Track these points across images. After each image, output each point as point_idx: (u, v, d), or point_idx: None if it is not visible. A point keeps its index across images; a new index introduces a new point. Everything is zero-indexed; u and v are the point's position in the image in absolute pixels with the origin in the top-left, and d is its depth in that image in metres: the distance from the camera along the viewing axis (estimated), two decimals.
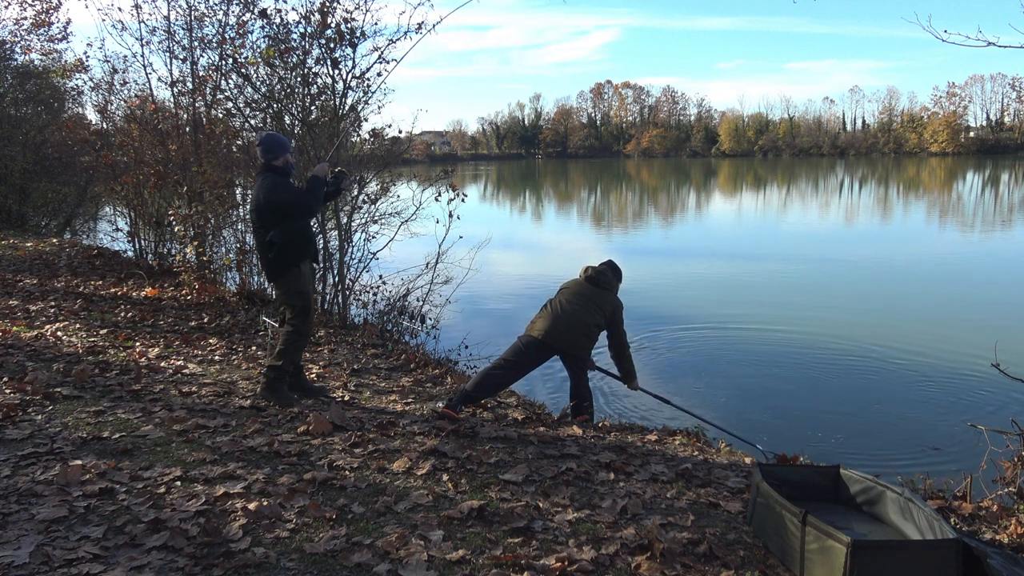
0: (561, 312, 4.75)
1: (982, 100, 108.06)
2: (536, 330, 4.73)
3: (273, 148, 4.36)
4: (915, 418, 5.95)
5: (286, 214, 4.30)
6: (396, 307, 8.11)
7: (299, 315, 4.43)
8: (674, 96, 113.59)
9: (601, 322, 4.81)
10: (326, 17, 7.18)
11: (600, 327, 4.83)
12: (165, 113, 9.48)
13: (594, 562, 2.62)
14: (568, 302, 4.81)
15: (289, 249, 4.32)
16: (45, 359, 5.17)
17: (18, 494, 2.96)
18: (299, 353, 4.55)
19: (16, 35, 14.73)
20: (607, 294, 4.93)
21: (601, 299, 4.86)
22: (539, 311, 4.94)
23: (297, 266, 4.40)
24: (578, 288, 4.93)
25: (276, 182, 4.30)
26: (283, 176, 4.39)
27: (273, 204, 4.27)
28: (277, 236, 4.27)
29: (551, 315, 4.76)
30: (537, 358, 4.75)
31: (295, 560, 2.56)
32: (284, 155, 4.38)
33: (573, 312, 4.74)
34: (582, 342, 4.74)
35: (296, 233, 4.34)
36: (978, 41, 3.79)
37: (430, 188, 8.19)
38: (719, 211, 28.36)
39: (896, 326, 8.94)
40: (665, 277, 12.94)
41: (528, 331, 4.81)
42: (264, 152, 4.37)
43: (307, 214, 4.41)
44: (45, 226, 15.64)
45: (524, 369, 4.74)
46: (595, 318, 4.78)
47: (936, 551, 2.45)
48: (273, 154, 4.36)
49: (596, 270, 5.02)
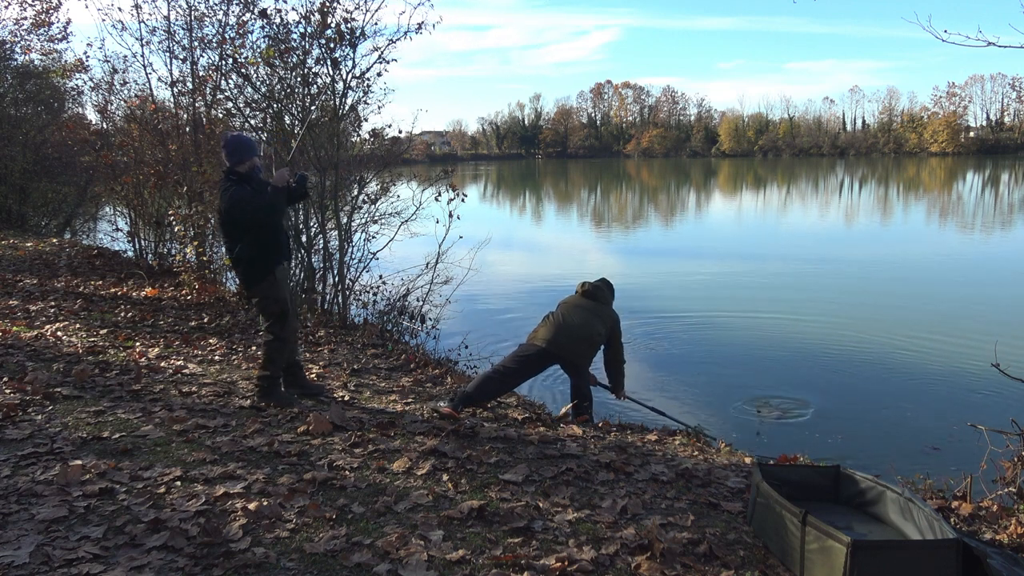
0: (564, 322, 4.87)
1: (982, 100, 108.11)
2: (539, 339, 4.83)
3: (238, 151, 4.12)
4: (915, 418, 5.95)
5: (248, 229, 4.14)
6: (396, 307, 8.10)
7: (277, 322, 4.30)
8: (674, 96, 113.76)
9: (603, 332, 4.95)
10: (326, 17, 7.18)
11: (602, 337, 4.96)
12: (165, 113, 9.47)
13: (594, 562, 2.62)
14: (570, 314, 4.93)
15: (259, 260, 4.19)
16: (45, 359, 5.17)
17: (18, 494, 2.96)
18: (285, 357, 4.43)
19: (16, 35, 14.72)
20: (606, 308, 5.09)
21: (602, 312, 5.01)
22: (541, 321, 5.06)
23: (271, 273, 4.24)
24: (578, 302, 5.06)
25: (236, 197, 4.07)
26: (248, 183, 4.17)
27: (234, 220, 4.11)
28: (244, 251, 4.15)
29: (554, 325, 4.87)
30: (539, 366, 4.87)
31: (295, 560, 2.56)
32: (251, 158, 4.16)
33: (576, 323, 4.86)
34: (585, 350, 4.87)
35: (264, 243, 4.18)
36: (978, 41, 3.79)
37: (430, 188, 8.18)
38: (719, 211, 28.37)
39: (895, 326, 8.94)
40: (665, 277, 12.95)
41: (531, 339, 4.91)
42: (229, 156, 4.13)
43: (269, 227, 4.20)
44: (45, 226, 15.62)
45: (525, 376, 4.86)
46: (597, 328, 4.91)
47: (936, 551, 2.46)
48: (238, 157, 4.13)
49: (593, 285, 5.16)
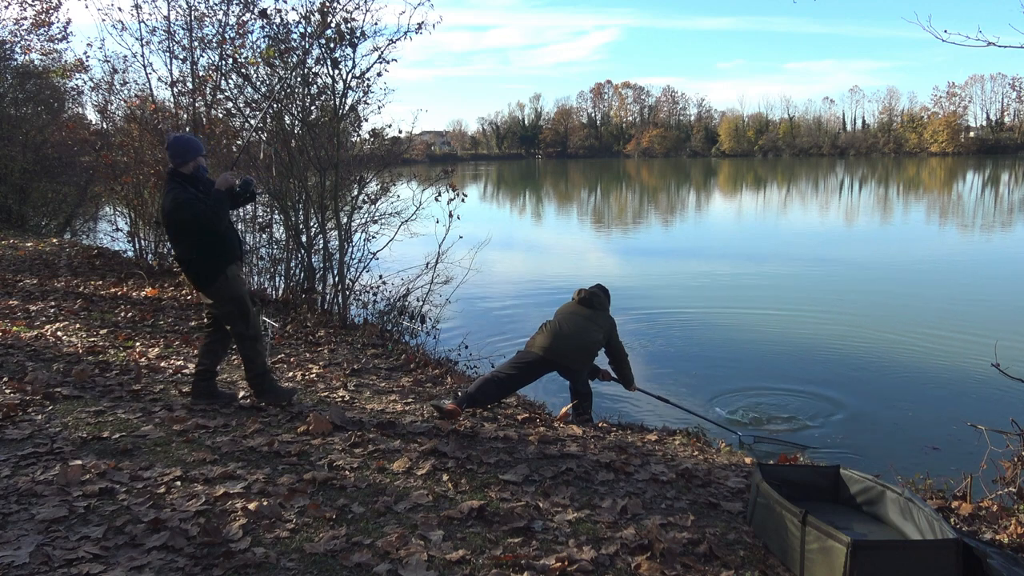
0: (561, 331, 4.95)
1: (982, 100, 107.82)
2: (537, 347, 4.92)
3: (181, 152, 4.04)
4: (915, 418, 5.95)
5: (191, 232, 4.05)
6: (396, 307, 8.10)
7: (239, 321, 4.23)
8: (674, 96, 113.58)
9: (600, 339, 5.04)
10: (326, 17, 7.19)
11: (600, 343, 5.06)
12: (165, 113, 9.48)
13: (594, 562, 2.62)
14: (567, 323, 5.01)
15: (207, 261, 4.10)
16: (45, 359, 5.17)
17: (18, 494, 2.96)
18: (260, 352, 4.34)
19: (16, 35, 14.73)
20: (602, 314, 5.17)
21: (598, 319, 5.09)
22: (539, 329, 5.14)
23: (223, 273, 4.14)
24: (575, 309, 5.14)
25: (178, 200, 3.98)
26: (193, 184, 4.09)
27: (175, 223, 4.04)
28: (189, 252, 4.10)
29: (552, 333, 4.95)
30: (537, 373, 4.97)
31: (295, 560, 2.56)
32: (194, 159, 4.08)
33: (573, 332, 4.95)
34: (581, 357, 4.97)
35: (210, 243, 4.08)
36: (978, 41, 3.80)
37: (430, 188, 8.19)
38: (719, 211, 28.37)
39: (895, 326, 8.94)
40: (665, 277, 12.95)
41: (529, 347, 5.01)
42: (172, 157, 4.05)
43: (211, 231, 4.07)
44: (45, 226, 15.62)
45: (523, 382, 4.98)
46: (595, 336, 5.00)
47: (936, 551, 2.46)
48: (182, 158, 4.04)
49: (589, 292, 5.23)
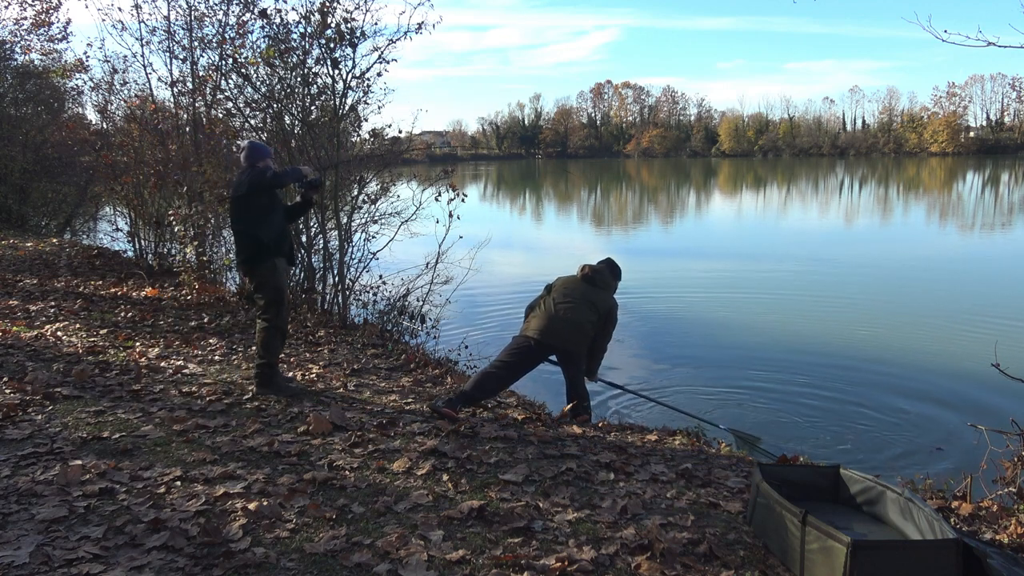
0: (555, 311, 4.79)
1: (982, 100, 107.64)
2: (531, 330, 4.77)
3: (255, 154, 4.75)
4: (915, 418, 5.95)
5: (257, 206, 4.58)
6: (396, 307, 8.09)
7: (271, 308, 4.64)
8: (674, 96, 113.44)
9: (594, 319, 4.83)
10: (326, 17, 7.17)
11: (594, 324, 4.84)
12: (165, 113, 9.48)
13: (594, 562, 2.62)
14: (561, 302, 4.83)
15: (263, 244, 4.58)
16: (45, 359, 5.17)
17: (18, 494, 2.96)
18: (279, 345, 4.75)
19: (16, 35, 14.75)
20: (603, 293, 4.95)
21: (596, 298, 4.88)
22: (532, 311, 4.98)
23: (273, 260, 4.63)
24: (573, 286, 4.94)
25: (256, 170, 4.64)
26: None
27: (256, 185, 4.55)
28: (252, 227, 4.57)
29: (545, 315, 4.80)
30: (535, 358, 4.80)
31: (295, 560, 2.56)
32: (265, 159, 4.75)
33: (566, 312, 4.77)
34: (578, 338, 4.78)
35: (269, 227, 4.60)
36: (978, 41, 3.79)
37: (430, 188, 8.18)
38: (719, 211, 28.37)
39: (895, 326, 8.94)
40: (665, 276, 12.94)
41: (523, 331, 4.85)
42: (247, 158, 4.80)
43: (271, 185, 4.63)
44: (45, 226, 15.61)
45: (522, 369, 4.78)
46: (588, 315, 4.80)
47: (936, 551, 2.45)
48: (255, 158, 4.74)
49: (594, 269, 5.03)
